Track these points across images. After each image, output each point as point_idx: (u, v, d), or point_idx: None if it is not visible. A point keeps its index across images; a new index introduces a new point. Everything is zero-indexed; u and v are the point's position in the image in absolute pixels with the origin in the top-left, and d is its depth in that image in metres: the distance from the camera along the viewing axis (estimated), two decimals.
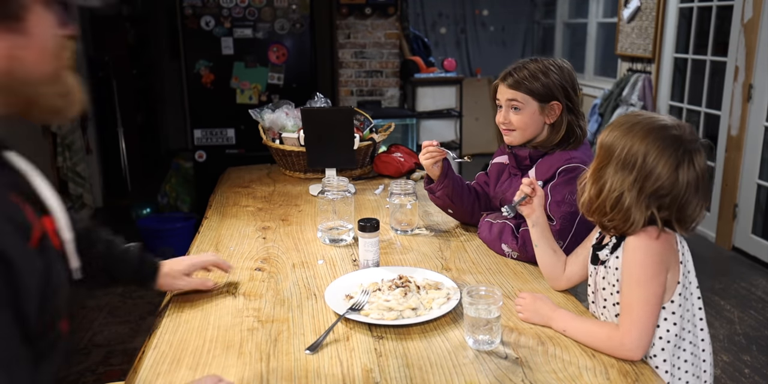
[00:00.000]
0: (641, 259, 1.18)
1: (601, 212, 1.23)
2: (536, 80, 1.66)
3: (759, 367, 2.67)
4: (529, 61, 1.71)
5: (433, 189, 1.86)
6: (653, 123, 1.20)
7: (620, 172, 1.19)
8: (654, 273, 1.18)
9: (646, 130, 1.19)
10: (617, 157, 1.20)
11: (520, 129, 1.71)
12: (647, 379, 1.11)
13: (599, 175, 1.23)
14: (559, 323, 1.26)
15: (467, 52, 7.03)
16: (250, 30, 4.52)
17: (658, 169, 1.17)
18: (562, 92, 1.67)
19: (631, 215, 1.18)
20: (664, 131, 1.19)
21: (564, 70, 1.69)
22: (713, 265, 3.81)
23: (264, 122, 2.58)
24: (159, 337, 1.26)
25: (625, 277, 1.20)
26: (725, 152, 3.99)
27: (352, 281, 1.47)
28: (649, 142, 1.18)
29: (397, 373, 1.12)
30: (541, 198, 1.48)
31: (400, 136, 4.97)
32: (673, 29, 4.52)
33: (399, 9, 5.01)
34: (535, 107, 1.68)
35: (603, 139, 1.24)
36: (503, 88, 1.71)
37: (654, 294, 1.17)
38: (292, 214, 2.08)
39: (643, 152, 1.17)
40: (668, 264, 1.21)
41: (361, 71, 5.08)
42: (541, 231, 1.48)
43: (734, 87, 3.87)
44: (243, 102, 4.60)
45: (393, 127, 2.70)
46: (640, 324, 1.16)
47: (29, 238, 0.72)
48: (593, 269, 1.33)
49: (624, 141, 1.20)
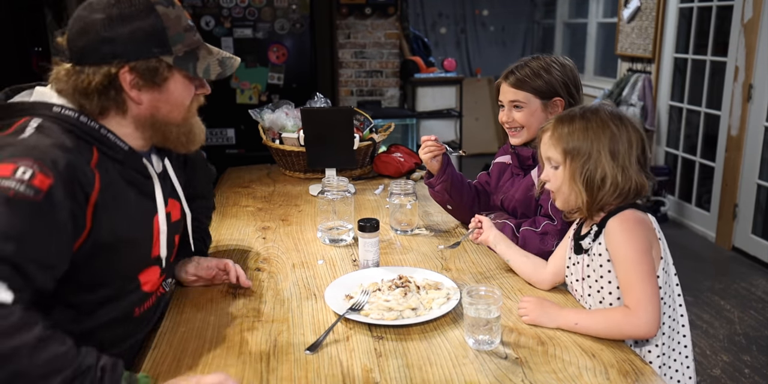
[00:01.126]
0: (627, 239, 1.23)
1: (605, 202, 1.27)
2: (538, 78, 1.66)
3: (759, 367, 2.67)
4: (531, 59, 1.71)
5: (432, 183, 1.87)
6: (585, 109, 1.32)
7: (605, 157, 1.26)
8: (643, 249, 1.22)
9: (596, 122, 1.28)
10: (590, 148, 1.26)
11: (525, 126, 1.71)
12: (647, 379, 1.11)
13: (582, 176, 1.27)
14: (568, 319, 1.26)
15: (467, 52, 7.03)
16: (250, 30, 4.53)
17: (624, 134, 1.27)
18: (564, 88, 1.68)
19: (632, 181, 1.25)
20: (602, 111, 1.30)
21: (566, 67, 1.69)
22: (713, 265, 3.81)
23: (264, 122, 2.58)
24: (159, 337, 1.26)
25: (618, 259, 1.24)
26: (725, 152, 3.99)
27: (352, 281, 1.47)
28: (598, 119, 1.28)
29: (397, 373, 1.12)
30: (489, 223, 1.58)
31: (400, 136, 4.98)
32: (673, 29, 4.52)
33: (399, 9, 5.02)
34: (538, 105, 1.68)
35: (565, 147, 1.29)
36: (505, 88, 1.72)
37: (649, 268, 1.22)
38: (292, 214, 2.08)
39: (603, 128, 1.27)
40: (651, 240, 1.25)
41: (361, 71, 5.08)
42: (505, 246, 1.55)
43: (734, 87, 3.87)
44: (243, 102, 4.61)
45: (393, 127, 2.70)
46: (646, 299, 1.19)
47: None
48: (576, 259, 1.36)
49: (583, 136, 1.28)
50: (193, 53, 1.18)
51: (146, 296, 1.28)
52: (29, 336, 0.90)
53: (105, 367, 0.95)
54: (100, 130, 1.13)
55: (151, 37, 1.11)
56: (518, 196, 1.74)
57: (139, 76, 1.12)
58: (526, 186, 1.73)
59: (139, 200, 1.20)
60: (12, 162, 0.98)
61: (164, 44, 1.13)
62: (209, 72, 1.20)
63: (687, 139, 4.53)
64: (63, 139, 1.07)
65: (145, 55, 1.11)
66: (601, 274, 1.29)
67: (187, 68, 1.16)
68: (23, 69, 4.20)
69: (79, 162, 1.06)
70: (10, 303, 0.90)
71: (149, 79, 1.13)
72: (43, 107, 1.11)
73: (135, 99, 1.15)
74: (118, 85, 1.12)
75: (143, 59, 1.12)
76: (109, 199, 1.11)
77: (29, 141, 1.04)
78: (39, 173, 0.98)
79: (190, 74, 1.17)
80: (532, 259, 1.50)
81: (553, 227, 1.60)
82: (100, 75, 1.11)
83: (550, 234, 1.60)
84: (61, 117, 1.10)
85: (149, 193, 1.23)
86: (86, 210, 1.07)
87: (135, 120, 1.18)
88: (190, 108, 1.22)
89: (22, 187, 0.96)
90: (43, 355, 0.90)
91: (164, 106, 1.17)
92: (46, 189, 0.98)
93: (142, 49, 1.11)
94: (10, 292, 0.91)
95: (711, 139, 4.21)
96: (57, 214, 1.00)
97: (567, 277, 1.41)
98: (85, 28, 1.10)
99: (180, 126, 1.21)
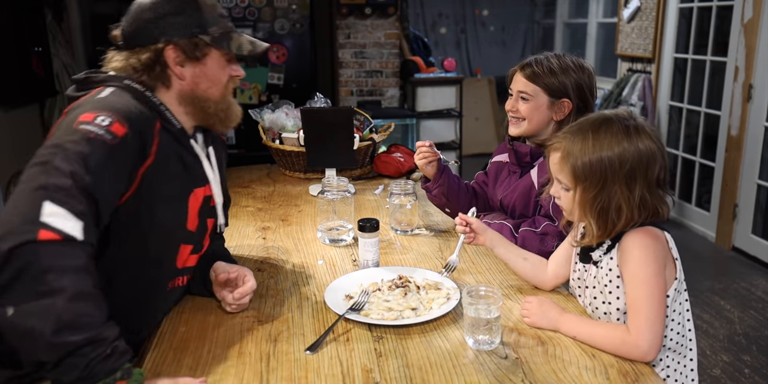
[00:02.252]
0: (643, 257, 1.19)
1: (615, 229, 1.23)
2: (553, 75, 1.65)
3: (759, 367, 2.67)
4: (553, 55, 1.71)
5: (429, 188, 1.88)
6: (594, 124, 1.23)
7: (619, 187, 1.19)
8: (656, 270, 1.19)
9: (599, 138, 1.20)
10: (603, 177, 1.19)
11: (527, 119, 1.71)
12: (647, 379, 1.11)
13: (595, 206, 1.21)
14: (567, 328, 1.25)
15: (467, 52, 7.03)
16: (250, 30, 4.52)
17: (631, 156, 1.18)
18: (576, 92, 1.66)
19: (649, 207, 1.20)
20: (610, 125, 1.21)
21: (585, 71, 1.68)
22: (713, 265, 3.81)
23: (264, 122, 2.58)
24: (159, 337, 1.26)
25: (628, 276, 1.20)
26: (725, 152, 3.99)
27: (352, 281, 1.47)
28: (612, 146, 1.19)
29: (397, 373, 1.12)
30: (481, 224, 1.49)
31: (400, 136, 4.97)
32: (673, 29, 4.52)
33: (399, 9, 5.01)
34: (545, 100, 1.68)
35: (573, 172, 1.22)
36: (518, 77, 1.72)
37: (659, 291, 1.18)
38: (292, 214, 2.07)
39: (618, 154, 1.18)
40: (665, 260, 1.22)
41: (361, 71, 5.08)
42: (504, 249, 1.49)
43: (734, 87, 3.87)
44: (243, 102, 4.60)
45: (393, 127, 2.70)
46: (649, 324, 1.16)
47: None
48: (582, 266, 1.34)
49: (598, 161, 1.19)
50: (227, 34, 1.32)
51: (178, 272, 1.34)
52: (80, 285, 0.96)
53: (117, 347, 0.99)
54: (160, 106, 1.27)
55: (191, 20, 1.28)
56: (516, 196, 1.74)
57: (182, 52, 1.27)
58: (525, 186, 1.73)
59: (184, 174, 1.31)
60: (93, 112, 1.13)
61: (202, 26, 1.29)
62: (242, 48, 1.33)
63: (687, 139, 4.53)
64: (134, 103, 1.22)
65: (187, 34, 1.27)
66: (610, 290, 1.26)
67: (222, 46, 1.30)
68: (23, 69, 4.20)
69: (146, 124, 1.20)
70: (82, 240, 0.99)
71: (191, 54, 1.28)
72: (116, 79, 1.27)
73: (178, 74, 1.29)
74: (164, 61, 1.27)
75: (185, 38, 1.27)
76: (161, 164, 1.23)
77: (107, 99, 1.19)
78: (116, 122, 1.13)
79: (226, 50, 1.31)
80: (531, 260, 1.47)
81: (553, 228, 1.60)
82: (149, 52, 1.26)
83: (551, 235, 1.60)
84: (131, 88, 1.25)
85: (193, 170, 1.34)
86: (140, 168, 1.19)
87: (178, 95, 1.31)
88: (227, 86, 1.36)
89: (101, 130, 1.10)
90: (79, 307, 0.95)
91: (204, 82, 1.31)
92: (121, 135, 1.12)
93: (184, 30, 1.27)
94: (80, 225, 1.00)
95: (711, 139, 4.21)
96: (125, 162, 1.14)
97: (572, 280, 1.39)
98: (136, 17, 1.27)
99: (218, 102, 1.34)
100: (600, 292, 1.29)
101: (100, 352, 0.95)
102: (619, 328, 1.21)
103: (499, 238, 1.51)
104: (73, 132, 1.09)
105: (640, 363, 1.16)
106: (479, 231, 1.50)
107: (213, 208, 1.41)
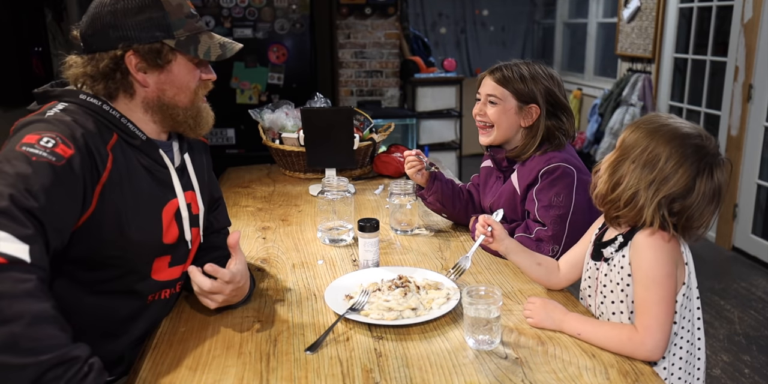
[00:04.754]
0: (655, 258, 1.19)
1: (614, 206, 1.24)
2: (523, 81, 1.67)
3: (759, 367, 2.67)
4: (522, 62, 1.72)
5: (423, 195, 1.89)
6: (680, 129, 1.21)
7: (639, 171, 1.20)
8: (668, 272, 1.19)
9: (671, 134, 1.19)
10: (639, 155, 1.20)
11: (495, 124, 1.71)
12: (647, 379, 1.11)
13: (616, 169, 1.24)
14: (572, 327, 1.24)
15: (467, 52, 7.02)
16: (250, 30, 4.53)
17: (677, 175, 1.17)
18: (545, 98, 1.67)
19: (643, 214, 1.19)
20: (689, 139, 1.19)
21: (554, 80, 1.70)
22: (713, 265, 3.81)
23: (264, 122, 2.58)
24: (159, 337, 1.26)
25: (639, 275, 1.20)
26: (725, 152, 3.98)
27: (352, 281, 1.47)
28: (673, 146, 1.18)
29: (397, 373, 1.12)
30: (503, 232, 1.46)
31: (400, 136, 4.97)
32: (673, 29, 4.53)
33: (399, 9, 5.01)
34: (513, 105, 1.69)
35: (626, 136, 1.24)
36: (488, 81, 1.72)
37: (670, 292, 1.18)
38: (292, 214, 2.07)
39: (665, 155, 1.18)
40: (677, 264, 1.21)
41: (361, 71, 5.08)
42: (518, 257, 1.47)
43: (734, 87, 3.87)
44: (243, 102, 4.61)
45: (393, 127, 2.70)
46: (658, 323, 1.16)
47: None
48: (593, 264, 1.33)
49: (648, 141, 1.20)
50: (194, 37, 1.24)
51: (157, 285, 1.30)
52: (36, 307, 0.92)
53: (94, 365, 0.94)
54: (120, 118, 1.21)
55: (154, 23, 1.19)
56: (503, 201, 1.75)
57: (143, 58, 1.20)
58: (509, 192, 1.73)
59: (153, 187, 1.25)
60: (38, 133, 1.08)
61: (166, 29, 1.20)
62: (209, 54, 1.25)
63: None
64: (83, 119, 1.15)
65: (148, 39, 1.19)
66: (621, 288, 1.26)
67: (188, 51, 1.22)
68: (23, 69, 4.19)
69: (95, 141, 1.14)
70: (30, 263, 0.95)
71: (153, 61, 1.20)
72: (71, 94, 1.20)
73: (141, 82, 1.22)
74: (124, 68, 1.20)
75: (147, 43, 1.19)
76: (119, 180, 1.18)
77: (55, 118, 1.13)
78: (61, 143, 1.08)
79: (192, 56, 1.23)
80: (545, 265, 1.46)
81: (545, 233, 1.61)
82: (107, 59, 1.19)
83: (545, 241, 1.60)
84: (86, 103, 1.19)
85: (165, 182, 1.28)
86: (95, 188, 1.14)
87: (143, 103, 1.24)
88: (197, 92, 1.28)
89: (44, 153, 1.05)
90: (40, 331, 0.91)
91: (170, 89, 1.24)
92: (67, 157, 1.07)
93: (146, 34, 1.19)
94: (27, 248, 0.95)
95: None
96: (74, 183, 1.08)
97: (583, 281, 1.39)
98: (95, 18, 1.19)
99: (187, 109, 1.27)
100: (611, 290, 1.28)
101: (76, 371, 0.91)
102: (625, 326, 1.21)
103: (516, 245, 1.47)
104: (16, 155, 1.04)
105: (641, 363, 1.16)
106: (499, 239, 1.46)
107: (197, 217, 1.36)
